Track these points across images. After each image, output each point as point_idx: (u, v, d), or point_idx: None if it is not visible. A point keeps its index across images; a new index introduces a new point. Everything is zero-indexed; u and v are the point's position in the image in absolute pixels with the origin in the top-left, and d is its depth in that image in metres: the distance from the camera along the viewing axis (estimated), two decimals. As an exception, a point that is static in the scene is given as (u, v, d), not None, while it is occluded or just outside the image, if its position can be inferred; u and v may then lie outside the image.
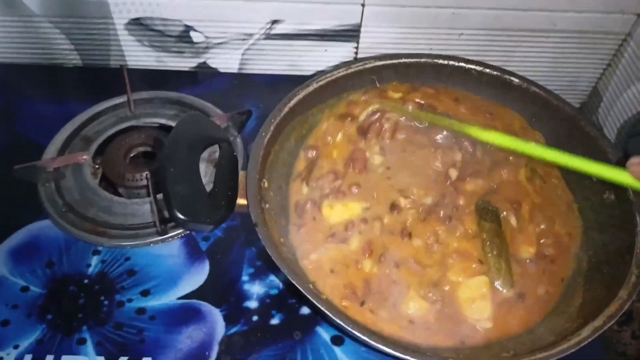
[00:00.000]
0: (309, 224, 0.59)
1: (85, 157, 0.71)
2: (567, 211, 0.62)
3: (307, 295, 0.48)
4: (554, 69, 0.86)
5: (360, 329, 0.47)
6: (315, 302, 0.48)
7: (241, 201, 0.53)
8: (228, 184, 0.53)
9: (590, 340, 0.47)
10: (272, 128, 0.59)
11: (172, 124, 0.76)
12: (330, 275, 0.55)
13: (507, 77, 0.68)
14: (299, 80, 0.65)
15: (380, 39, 0.82)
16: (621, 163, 0.56)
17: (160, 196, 0.64)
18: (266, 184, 0.58)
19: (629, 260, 0.52)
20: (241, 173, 0.55)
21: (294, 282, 0.48)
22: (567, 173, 0.64)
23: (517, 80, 0.68)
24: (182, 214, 0.46)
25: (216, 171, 0.54)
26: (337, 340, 0.58)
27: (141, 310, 0.59)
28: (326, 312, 0.47)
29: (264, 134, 0.59)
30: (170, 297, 0.60)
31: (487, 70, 0.69)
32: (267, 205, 0.56)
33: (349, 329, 0.46)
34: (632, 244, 0.53)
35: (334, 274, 0.55)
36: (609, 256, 0.57)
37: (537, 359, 0.46)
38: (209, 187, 0.53)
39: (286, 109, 0.61)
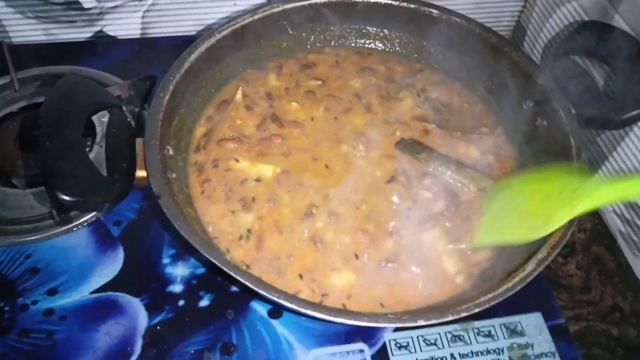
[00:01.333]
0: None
1: (-33, 148, 0.62)
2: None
3: (223, 268, 0.42)
4: (476, 6, 0.83)
5: (295, 300, 0.43)
6: (235, 275, 0.43)
7: (141, 173, 0.47)
8: (122, 155, 0.46)
9: (535, 274, 0.45)
10: (171, 87, 0.53)
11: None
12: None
13: (426, 9, 0.64)
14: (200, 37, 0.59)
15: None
16: (548, 85, 0.54)
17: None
18: (171, 152, 0.52)
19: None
20: (138, 140, 0.48)
21: (206, 255, 0.43)
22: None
23: (436, 12, 0.64)
24: (65, 194, 0.40)
25: (106, 141, 0.47)
26: (274, 314, 0.53)
27: (49, 312, 0.52)
28: (248, 284, 0.42)
29: (162, 94, 0.52)
30: (81, 293, 0.53)
31: (404, 4, 0.64)
32: (174, 175, 0.50)
33: (275, 298, 0.42)
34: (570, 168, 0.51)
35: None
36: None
37: (484, 301, 0.43)
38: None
39: (187, 64, 0.55)
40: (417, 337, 0.52)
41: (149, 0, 0.75)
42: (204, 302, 0.53)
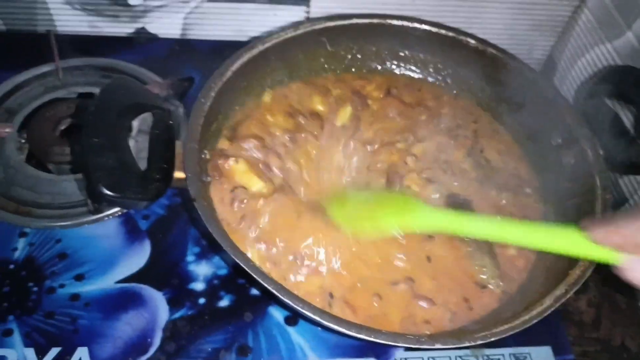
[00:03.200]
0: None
1: (8, 129, 0.64)
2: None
3: (252, 274, 0.44)
4: (510, 36, 0.84)
5: (312, 308, 0.44)
6: (262, 282, 0.44)
7: (179, 174, 0.48)
8: (163, 156, 0.48)
9: (553, 309, 0.46)
10: (212, 94, 0.54)
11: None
12: None
13: (463, 37, 0.65)
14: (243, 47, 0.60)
15: (332, 2, 0.78)
16: (578, 124, 0.55)
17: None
18: (208, 156, 0.53)
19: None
20: (178, 143, 0.50)
21: (237, 261, 0.44)
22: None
23: (473, 41, 0.65)
24: (107, 189, 0.41)
25: (149, 141, 0.48)
26: (290, 321, 0.54)
27: (75, 297, 0.53)
28: (275, 292, 0.43)
29: (203, 100, 0.53)
30: (107, 282, 0.55)
31: (443, 31, 0.66)
32: (209, 179, 0.52)
33: (299, 309, 0.43)
34: (593, 209, 0.52)
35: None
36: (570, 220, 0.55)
37: (501, 331, 0.44)
38: (143, 161, 0.47)
39: (229, 73, 0.56)
40: (428, 358, 0.53)
41: (192, 3, 0.77)
42: (223, 302, 0.55)
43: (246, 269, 0.44)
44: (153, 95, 0.53)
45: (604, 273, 0.65)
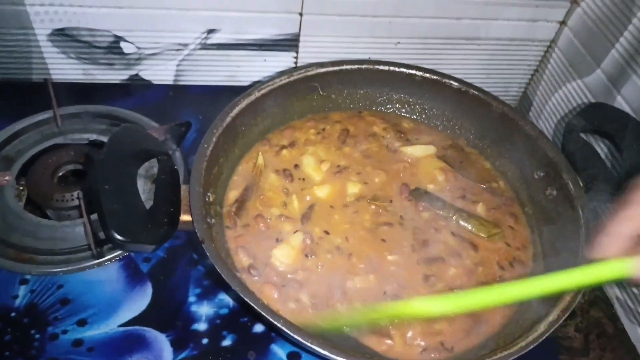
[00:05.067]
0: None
1: (7, 178, 0.65)
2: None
3: (262, 312, 0.45)
4: (487, 75, 0.89)
5: (320, 343, 0.45)
6: (271, 319, 0.45)
7: (185, 217, 0.50)
8: (169, 200, 0.50)
9: (547, 334, 0.48)
10: (214, 139, 0.56)
11: (103, 139, 0.71)
12: None
13: (447, 80, 0.69)
14: (238, 91, 0.63)
15: (319, 48, 0.82)
16: (559, 158, 0.58)
17: (94, 216, 0.59)
18: (211, 198, 0.55)
19: (577, 251, 0.54)
20: (184, 187, 0.52)
21: (247, 300, 0.46)
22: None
23: (456, 83, 0.69)
24: (119, 234, 0.43)
25: (156, 186, 0.50)
26: (293, 357, 0.55)
27: (78, 342, 0.54)
28: (283, 328, 0.45)
29: (206, 146, 0.56)
30: (110, 326, 0.55)
31: (428, 75, 0.70)
32: (213, 221, 0.53)
33: (308, 344, 0.44)
34: (577, 236, 0.55)
35: None
36: (558, 248, 0.58)
37: (499, 357, 0.46)
38: (148, 205, 0.49)
39: (228, 119, 0.59)
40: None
41: (185, 51, 0.80)
42: (226, 342, 0.56)
43: (256, 307, 0.45)
44: (158, 142, 0.55)
45: (588, 298, 0.68)
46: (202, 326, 0.56)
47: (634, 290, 0.66)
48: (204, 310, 0.58)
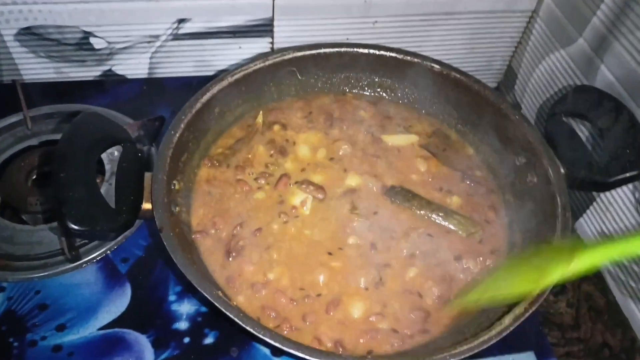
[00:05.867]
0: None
1: (-21, 184, 0.63)
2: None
3: (215, 302, 0.44)
4: (469, 50, 0.87)
5: (274, 335, 0.44)
6: (224, 310, 0.44)
7: (146, 205, 0.49)
8: (131, 188, 0.49)
9: (512, 328, 0.46)
10: (182, 126, 0.55)
11: (78, 139, 0.69)
12: None
13: (428, 63, 0.67)
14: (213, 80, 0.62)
15: (295, 32, 0.80)
16: (540, 144, 0.57)
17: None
18: (177, 186, 0.54)
19: (550, 242, 0.52)
20: (147, 175, 0.51)
21: (198, 288, 0.45)
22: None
23: (437, 66, 0.67)
24: (75, 223, 0.42)
25: (117, 174, 0.49)
26: (277, 352, 0.54)
27: (57, 348, 0.53)
28: (234, 318, 0.44)
29: (172, 132, 0.54)
30: (89, 329, 0.54)
31: (408, 57, 0.67)
32: (177, 209, 0.52)
33: (261, 336, 0.44)
34: (554, 228, 0.53)
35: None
36: (534, 237, 0.57)
37: (459, 352, 0.45)
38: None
39: (198, 105, 0.58)
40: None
41: (157, 42, 0.78)
42: (208, 340, 0.55)
43: (216, 303, 0.45)
44: (121, 129, 0.54)
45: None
46: (183, 325, 0.56)
47: (624, 262, 0.65)
48: (185, 308, 0.57)
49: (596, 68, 0.69)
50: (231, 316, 0.44)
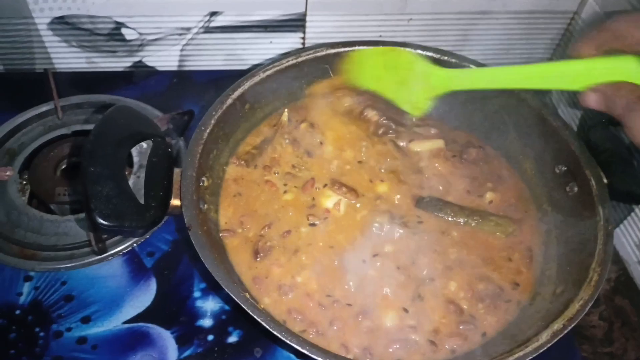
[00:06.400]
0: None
1: (9, 172, 0.64)
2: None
3: (242, 304, 0.44)
4: (506, 50, 0.84)
5: (300, 341, 0.43)
6: (250, 313, 0.44)
7: (175, 202, 0.48)
8: (161, 184, 0.48)
9: (549, 345, 0.45)
10: (212, 122, 0.54)
11: (106, 129, 0.69)
12: None
13: (467, 64, 0.64)
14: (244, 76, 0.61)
15: (327, 27, 0.78)
16: (583, 152, 0.54)
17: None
18: (205, 183, 0.53)
19: (591, 259, 0.50)
20: (176, 171, 0.50)
21: (226, 289, 0.44)
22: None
23: (473, 67, 0.64)
24: (103, 219, 0.42)
25: (146, 169, 0.49)
26: (301, 354, 0.53)
27: (82, 340, 0.53)
28: (261, 321, 0.43)
29: (203, 128, 0.54)
30: (114, 323, 0.54)
31: (445, 57, 0.65)
32: (206, 206, 0.52)
33: (287, 340, 0.43)
34: (595, 239, 0.51)
35: None
36: (573, 253, 0.55)
37: None
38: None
39: (229, 101, 0.57)
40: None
41: (188, 35, 0.78)
42: (232, 338, 0.54)
43: (240, 302, 0.44)
44: (152, 123, 0.53)
45: (614, 285, 0.65)
46: (207, 322, 0.55)
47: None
48: (210, 305, 0.56)
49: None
50: (259, 320, 0.43)
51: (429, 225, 0.58)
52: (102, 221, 0.43)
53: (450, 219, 0.58)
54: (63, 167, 0.66)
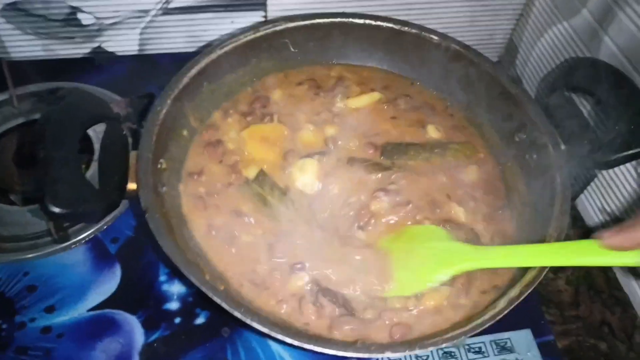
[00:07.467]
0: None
1: (-34, 164, 0.62)
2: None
3: (202, 288, 0.43)
4: (470, 24, 0.84)
5: (262, 320, 0.43)
6: (210, 295, 0.43)
7: (131, 185, 0.47)
8: (116, 168, 0.47)
9: (506, 312, 0.45)
10: (169, 101, 0.53)
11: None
12: None
13: (427, 34, 0.64)
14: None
15: (289, 5, 0.77)
16: (540, 120, 0.54)
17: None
18: (164, 165, 0.52)
19: (548, 224, 0.51)
20: (132, 154, 0.49)
21: (185, 273, 0.43)
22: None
23: (436, 38, 0.64)
24: (56, 205, 0.41)
25: (100, 153, 0.48)
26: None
27: (47, 329, 0.53)
28: (224, 305, 0.43)
29: (159, 109, 0.53)
30: (79, 310, 0.54)
31: (406, 28, 0.65)
32: (165, 189, 0.51)
33: (248, 321, 0.43)
34: (552, 205, 0.52)
35: None
36: (532, 218, 0.55)
37: (452, 336, 0.44)
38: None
39: (185, 80, 0.56)
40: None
41: (147, 17, 0.76)
42: (199, 320, 0.54)
43: (200, 287, 0.44)
44: (105, 105, 0.52)
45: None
46: (174, 305, 0.55)
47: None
48: (176, 288, 0.56)
49: (600, 40, 0.66)
50: (219, 302, 0.43)
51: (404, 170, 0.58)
52: (55, 208, 0.42)
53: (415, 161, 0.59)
54: (23, 155, 0.64)
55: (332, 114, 0.63)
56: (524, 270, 0.48)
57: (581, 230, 0.70)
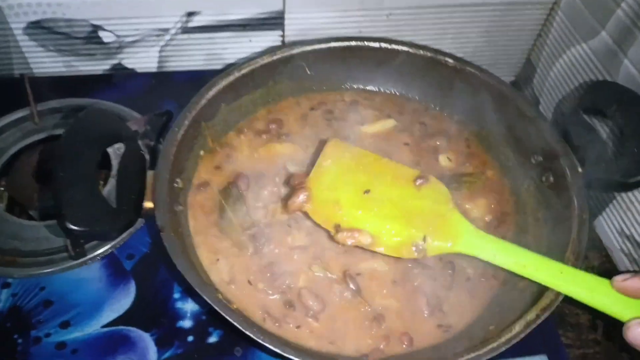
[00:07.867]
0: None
1: (-14, 180, 0.63)
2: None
3: (215, 307, 0.43)
4: (487, 43, 0.84)
5: (274, 341, 0.43)
6: (224, 314, 0.43)
7: (148, 204, 0.48)
8: (133, 186, 0.48)
9: (522, 336, 0.45)
10: (186, 122, 0.54)
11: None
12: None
13: (442, 57, 0.64)
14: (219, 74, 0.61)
15: (306, 25, 0.78)
16: (557, 142, 0.54)
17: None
18: (180, 184, 0.53)
19: (566, 247, 0.50)
20: (149, 173, 0.50)
21: (199, 292, 0.44)
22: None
23: (452, 61, 0.64)
24: (73, 224, 0.41)
25: (118, 172, 0.49)
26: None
27: (61, 345, 0.53)
28: (235, 324, 0.43)
29: (176, 129, 0.53)
30: (93, 327, 0.54)
31: (421, 51, 0.65)
32: (180, 208, 0.51)
33: (260, 341, 0.43)
34: (570, 228, 0.51)
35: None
36: (548, 242, 0.55)
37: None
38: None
39: (203, 101, 0.56)
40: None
41: (166, 36, 0.77)
42: (212, 339, 0.54)
43: (212, 304, 0.44)
44: (123, 125, 0.53)
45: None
46: (187, 323, 0.55)
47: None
48: (189, 306, 0.56)
49: (619, 63, 0.66)
50: (231, 321, 0.43)
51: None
52: (72, 226, 0.43)
53: None
54: (42, 171, 0.65)
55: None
56: (541, 292, 0.48)
57: (601, 253, 0.68)
